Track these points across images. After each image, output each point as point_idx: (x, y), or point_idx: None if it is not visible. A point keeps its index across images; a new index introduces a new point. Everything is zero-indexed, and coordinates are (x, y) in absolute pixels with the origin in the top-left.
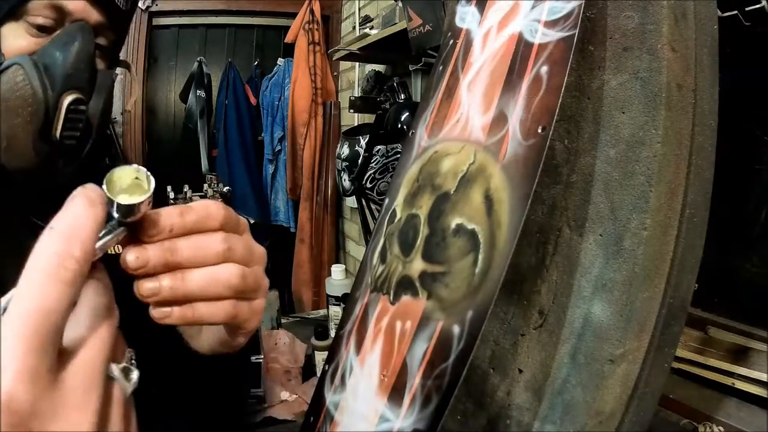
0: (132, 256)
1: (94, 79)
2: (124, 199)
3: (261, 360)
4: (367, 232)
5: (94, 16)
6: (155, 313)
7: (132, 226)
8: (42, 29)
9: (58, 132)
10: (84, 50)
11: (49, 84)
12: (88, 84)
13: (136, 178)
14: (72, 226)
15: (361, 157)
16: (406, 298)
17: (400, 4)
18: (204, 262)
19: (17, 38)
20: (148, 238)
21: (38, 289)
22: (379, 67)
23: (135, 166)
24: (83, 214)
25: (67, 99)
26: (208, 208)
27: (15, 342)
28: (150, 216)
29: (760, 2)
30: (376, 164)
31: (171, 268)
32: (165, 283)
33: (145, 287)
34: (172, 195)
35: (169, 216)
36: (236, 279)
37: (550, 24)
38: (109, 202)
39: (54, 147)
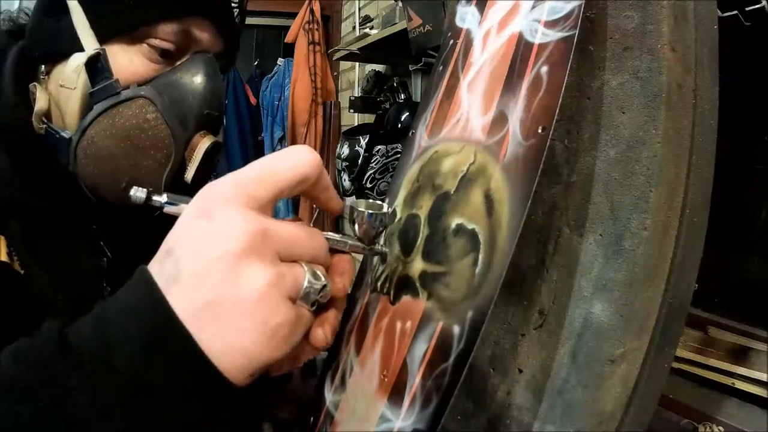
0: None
1: (221, 119)
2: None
3: None
4: None
5: (217, 46)
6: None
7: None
8: (164, 55)
9: (190, 175)
10: (216, 88)
11: (180, 123)
12: (217, 124)
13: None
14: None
15: (361, 157)
16: (406, 298)
17: (400, 4)
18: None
19: (132, 61)
20: (339, 290)
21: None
22: (379, 67)
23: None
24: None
25: (206, 143)
26: (353, 273)
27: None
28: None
29: (760, 2)
30: (376, 164)
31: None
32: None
33: (320, 336)
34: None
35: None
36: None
37: (551, 24)
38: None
39: (184, 189)
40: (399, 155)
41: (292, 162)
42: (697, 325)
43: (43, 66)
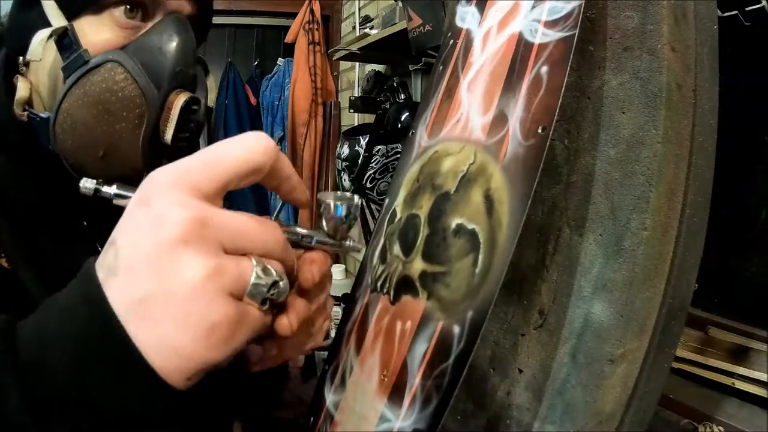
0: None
1: (196, 77)
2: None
3: None
4: (367, 232)
5: (187, 8)
6: (270, 353)
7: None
8: (133, 9)
9: (169, 135)
10: (188, 45)
11: (154, 83)
12: (193, 82)
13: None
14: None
15: (361, 157)
16: (406, 298)
17: (400, 4)
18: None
19: (100, 32)
20: (306, 280)
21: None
22: (379, 67)
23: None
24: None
25: (182, 99)
26: (327, 261)
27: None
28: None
29: (760, 2)
30: (376, 164)
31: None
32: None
33: (284, 325)
34: None
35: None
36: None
37: (550, 24)
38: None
39: (164, 151)
40: (399, 155)
41: (241, 149)
42: (697, 325)
43: (21, 58)
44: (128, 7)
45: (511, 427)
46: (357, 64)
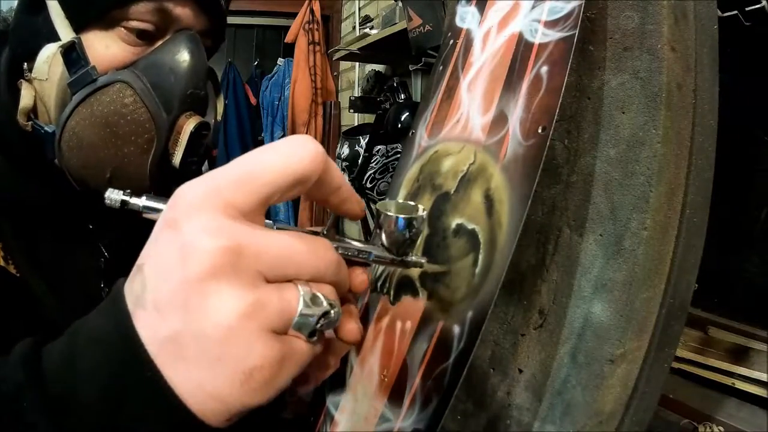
0: (355, 326)
1: (207, 98)
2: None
3: None
4: (367, 232)
5: (200, 23)
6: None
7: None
8: (142, 36)
9: (177, 159)
10: (200, 66)
11: (163, 105)
12: (203, 104)
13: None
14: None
15: (361, 157)
16: (406, 299)
17: (400, 4)
18: None
19: (109, 47)
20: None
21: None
22: (379, 67)
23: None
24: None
25: (191, 124)
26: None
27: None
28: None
29: (760, 2)
30: (376, 164)
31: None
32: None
33: (354, 332)
34: None
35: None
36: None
37: (550, 24)
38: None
39: (172, 175)
40: (399, 155)
41: (284, 158)
42: (697, 325)
43: (25, 64)
44: (140, 30)
45: (511, 427)
46: (357, 64)
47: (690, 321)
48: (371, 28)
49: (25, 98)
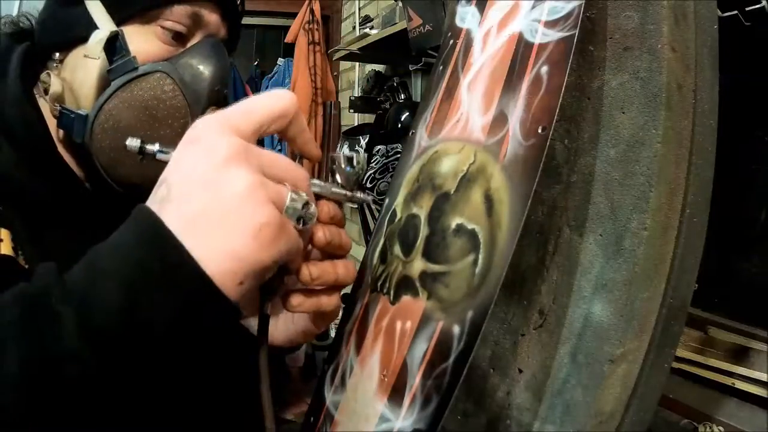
0: (321, 233)
1: (227, 97)
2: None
3: None
4: (367, 232)
5: (222, 31)
6: (294, 300)
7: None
8: (176, 38)
9: None
10: (226, 68)
11: (195, 98)
12: (225, 101)
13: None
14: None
15: None
16: (406, 298)
17: (400, 4)
18: (343, 255)
19: (146, 42)
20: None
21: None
22: (379, 67)
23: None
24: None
25: None
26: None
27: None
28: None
29: (760, 2)
30: (376, 164)
31: (329, 255)
32: (338, 270)
33: (309, 272)
34: None
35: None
36: (353, 272)
37: (550, 24)
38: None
39: None
40: (399, 155)
41: (272, 99)
42: (697, 325)
43: (57, 54)
44: (175, 31)
45: (511, 427)
46: (357, 64)
47: (690, 321)
48: (371, 28)
49: (55, 85)
